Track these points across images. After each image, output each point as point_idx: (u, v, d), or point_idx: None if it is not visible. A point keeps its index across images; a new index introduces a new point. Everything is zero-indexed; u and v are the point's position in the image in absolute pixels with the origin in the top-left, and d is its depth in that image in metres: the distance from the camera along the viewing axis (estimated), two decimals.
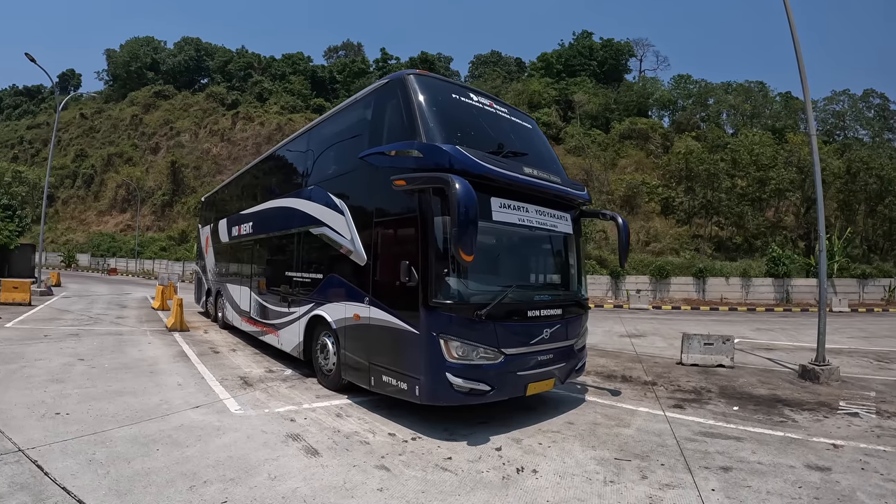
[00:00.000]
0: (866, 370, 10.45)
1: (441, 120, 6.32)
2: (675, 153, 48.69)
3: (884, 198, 40.63)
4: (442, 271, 5.65)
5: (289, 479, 4.35)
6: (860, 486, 4.58)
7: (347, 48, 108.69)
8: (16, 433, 5.17)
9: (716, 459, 5.23)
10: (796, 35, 9.86)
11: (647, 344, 14.11)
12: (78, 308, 18.15)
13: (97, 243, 63.70)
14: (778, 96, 71.98)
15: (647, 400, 7.75)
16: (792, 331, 18.07)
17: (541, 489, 4.38)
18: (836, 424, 6.63)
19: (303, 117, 77.39)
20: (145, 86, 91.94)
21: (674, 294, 34.25)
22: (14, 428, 5.34)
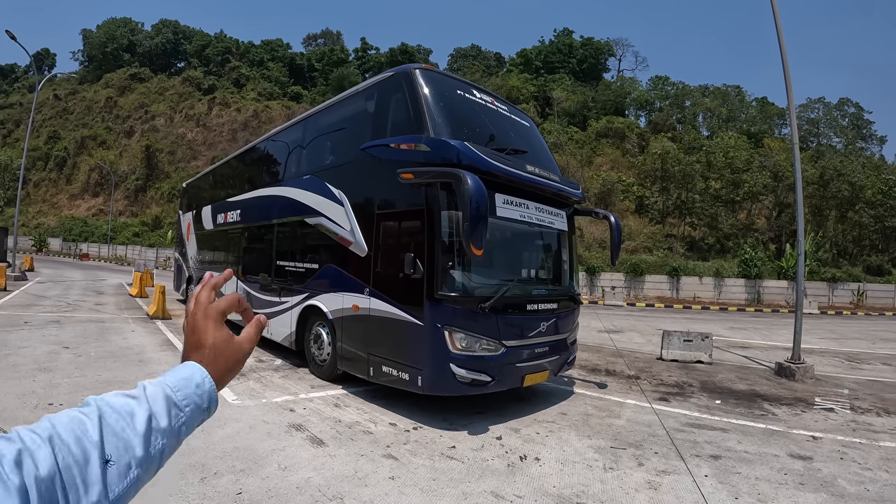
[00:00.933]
0: (839, 369, 10.88)
1: (448, 115, 6.44)
2: (650, 153, 49.47)
3: (854, 204, 41.96)
4: (447, 264, 5.79)
5: (300, 470, 4.43)
6: (840, 474, 4.86)
7: (326, 36, 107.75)
8: (10, 425, 5.05)
9: (705, 448, 5.48)
10: (784, 48, 10.17)
11: (626, 339, 14.44)
12: (54, 294, 17.82)
13: (69, 228, 62.31)
14: (754, 101, 73.48)
15: (634, 393, 8.00)
16: (765, 330, 18.63)
17: (546, 475, 4.57)
18: (814, 418, 6.94)
19: (280, 104, 76.70)
20: (121, 68, 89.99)
21: (648, 292, 34.91)
22: (7, 419, 5.23)
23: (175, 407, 0.77)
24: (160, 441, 0.74)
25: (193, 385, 0.81)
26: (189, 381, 0.81)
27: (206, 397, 0.82)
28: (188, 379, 0.81)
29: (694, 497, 4.25)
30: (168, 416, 0.76)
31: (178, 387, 0.79)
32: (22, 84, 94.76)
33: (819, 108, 68.91)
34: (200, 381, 0.82)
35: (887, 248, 43.46)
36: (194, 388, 0.81)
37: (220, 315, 0.92)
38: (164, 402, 0.76)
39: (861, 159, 51.40)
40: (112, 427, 0.70)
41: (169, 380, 0.80)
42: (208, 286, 0.96)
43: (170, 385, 0.79)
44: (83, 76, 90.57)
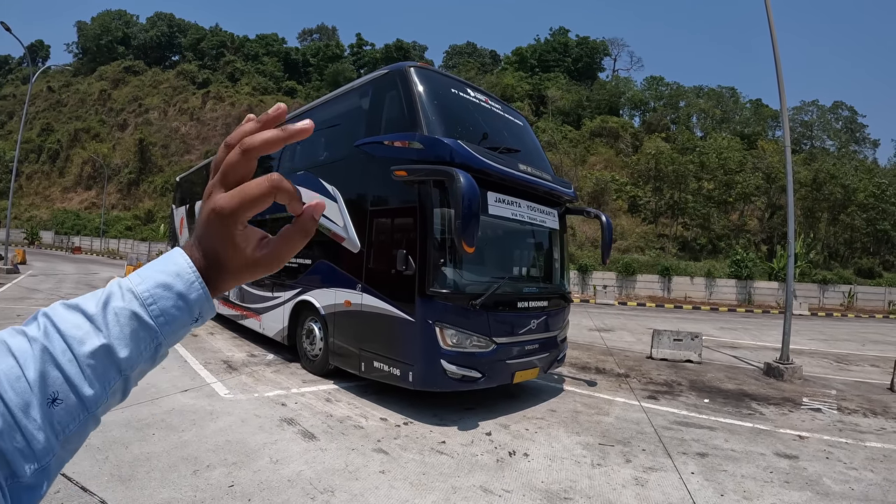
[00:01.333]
0: (827, 370, 10.98)
1: (441, 113, 6.47)
2: (644, 153, 49.57)
3: (846, 207, 42.22)
4: (439, 261, 5.83)
5: (291, 463, 4.46)
6: (825, 473, 4.94)
7: (322, 31, 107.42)
8: None
9: (692, 446, 5.54)
10: (777, 50, 10.25)
11: (616, 338, 14.51)
12: (47, 287, 17.76)
13: (61, 221, 62.01)
14: (748, 103, 73.70)
15: (623, 391, 8.06)
16: (755, 331, 18.76)
17: (534, 471, 4.62)
18: (801, 418, 7.02)
19: (274, 99, 76.30)
20: (115, 60, 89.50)
21: (639, 291, 35.04)
22: None
23: (145, 329, 0.57)
24: (116, 377, 0.57)
25: (174, 295, 0.59)
26: (169, 288, 0.59)
27: (193, 309, 0.60)
28: (168, 287, 0.59)
29: (680, 494, 4.31)
30: (132, 345, 0.57)
31: (154, 297, 0.58)
32: (15, 76, 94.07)
33: (813, 111, 69.28)
34: (185, 289, 0.59)
35: (878, 251, 43.79)
36: (174, 300, 0.59)
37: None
38: (130, 323, 0.57)
39: (854, 162, 51.72)
40: (56, 360, 0.54)
41: (143, 286, 0.58)
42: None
43: (142, 296, 0.57)
44: (77, 68, 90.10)
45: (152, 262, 0.61)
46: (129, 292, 0.58)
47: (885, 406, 7.94)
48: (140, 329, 0.57)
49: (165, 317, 0.58)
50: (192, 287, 0.59)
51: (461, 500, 4.00)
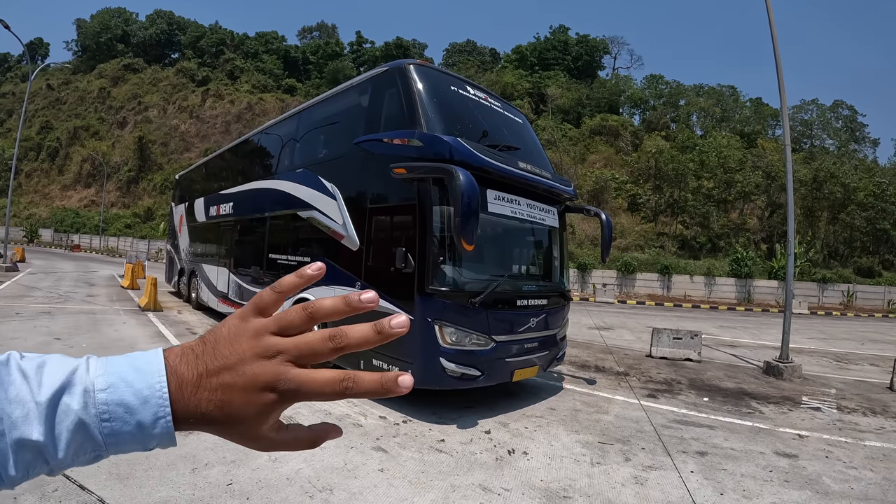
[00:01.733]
0: (826, 369, 10.97)
1: (441, 111, 6.45)
2: (644, 151, 49.63)
3: (846, 206, 42.24)
4: (438, 259, 5.81)
5: (289, 461, 4.44)
6: (825, 472, 4.93)
7: (322, 29, 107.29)
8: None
9: (692, 445, 5.54)
10: (778, 49, 10.23)
11: (616, 336, 14.51)
12: (46, 285, 17.74)
13: (60, 218, 62.07)
14: (748, 101, 73.64)
15: (622, 389, 8.06)
16: (754, 329, 18.76)
17: (533, 469, 4.61)
18: (801, 417, 7.02)
19: (274, 97, 76.42)
20: (115, 58, 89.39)
21: (639, 289, 35.07)
22: None
23: (90, 441, 0.51)
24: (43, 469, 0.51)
25: (134, 422, 0.51)
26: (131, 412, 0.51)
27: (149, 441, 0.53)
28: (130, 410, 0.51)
29: (679, 492, 4.30)
30: (69, 450, 0.50)
31: (111, 415, 0.51)
32: (15, 73, 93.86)
33: (813, 110, 69.22)
34: (150, 421, 0.51)
35: (877, 251, 43.82)
36: (132, 427, 0.51)
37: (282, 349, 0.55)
38: (76, 431, 0.50)
39: (854, 161, 51.72)
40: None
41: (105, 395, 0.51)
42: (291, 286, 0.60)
43: (99, 407, 0.50)
44: (76, 66, 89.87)
45: (130, 360, 0.54)
46: (87, 395, 0.51)
47: (885, 405, 7.93)
48: (84, 441, 0.51)
49: (116, 438, 0.51)
50: (157, 422, 0.51)
51: (460, 498, 3.99)
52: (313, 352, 0.55)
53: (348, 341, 0.55)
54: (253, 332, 0.55)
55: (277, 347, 0.54)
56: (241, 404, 0.53)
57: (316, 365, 0.56)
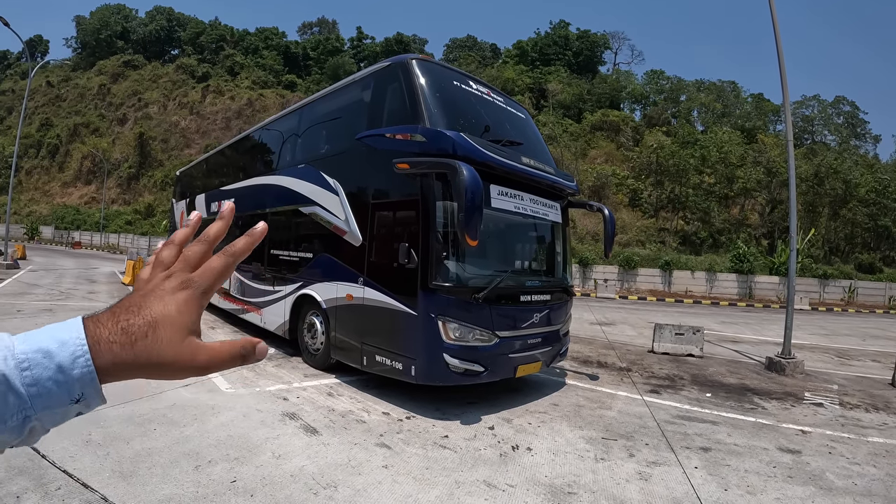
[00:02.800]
0: (828, 365, 10.97)
1: (444, 106, 6.43)
2: (645, 147, 49.56)
3: (847, 202, 42.18)
4: (441, 254, 5.80)
5: (294, 458, 4.44)
6: (829, 468, 4.92)
7: (322, 25, 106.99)
8: None
9: (695, 441, 5.53)
10: (780, 44, 10.19)
11: (618, 332, 14.51)
12: (47, 282, 17.73)
13: (61, 216, 62.06)
14: (750, 97, 73.47)
15: (625, 385, 8.05)
16: (755, 325, 18.75)
17: (538, 465, 4.61)
18: (803, 413, 7.01)
19: (274, 93, 76.33)
20: (114, 55, 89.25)
21: (640, 285, 35.05)
22: None
23: (14, 394, 0.50)
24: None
25: (54, 365, 0.51)
26: (49, 356, 0.52)
27: (73, 387, 0.53)
28: (48, 354, 0.52)
29: (684, 488, 4.30)
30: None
31: (31, 362, 0.51)
32: (14, 71, 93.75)
33: (814, 106, 69.03)
34: (68, 361, 0.52)
35: (879, 247, 43.77)
36: (52, 371, 0.51)
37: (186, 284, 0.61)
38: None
39: (855, 157, 51.62)
40: None
41: (24, 346, 0.52)
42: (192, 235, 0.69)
43: (18, 357, 0.51)
44: (76, 63, 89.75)
45: (51, 324, 0.56)
46: (6, 349, 0.52)
47: (887, 401, 7.93)
48: (8, 394, 0.50)
49: (39, 387, 0.51)
50: (75, 361, 0.52)
51: (465, 494, 3.98)
52: (195, 253, 0.63)
53: (208, 234, 0.65)
54: (148, 277, 0.63)
55: (171, 269, 0.62)
56: (161, 308, 0.58)
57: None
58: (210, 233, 0.66)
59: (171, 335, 0.57)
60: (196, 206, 14.68)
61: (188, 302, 0.60)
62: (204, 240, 0.65)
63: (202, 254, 0.64)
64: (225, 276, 0.64)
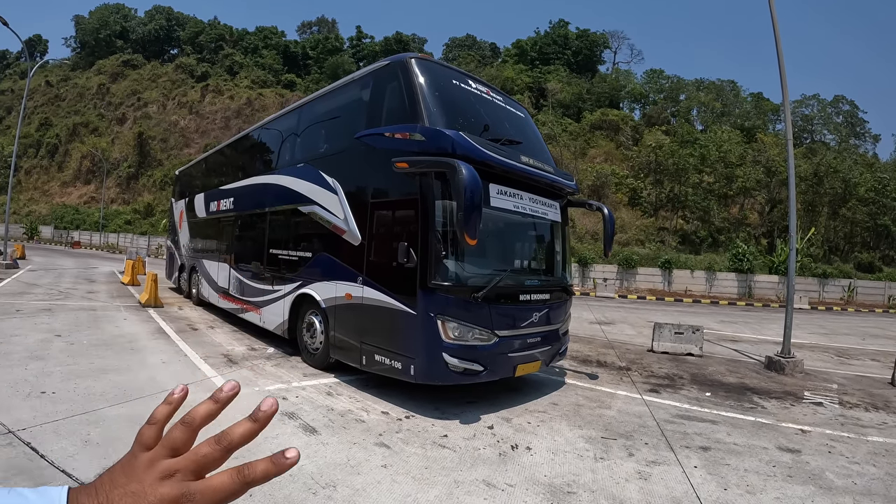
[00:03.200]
0: (828, 364, 10.96)
1: (443, 105, 6.43)
2: (644, 146, 49.52)
3: (847, 201, 42.16)
4: (441, 254, 5.80)
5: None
6: (828, 467, 4.92)
7: (322, 24, 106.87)
8: (2, 413, 4.92)
9: (695, 440, 5.53)
10: (780, 44, 10.18)
11: (617, 331, 14.51)
12: (46, 282, 17.70)
13: (60, 215, 62.00)
14: (749, 96, 73.44)
15: (624, 384, 8.05)
16: (755, 324, 18.75)
17: (537, 465, 4.60)
18: (803, 412, 7.01)
19: (273, 92, 76.23)
20: (114, 54, 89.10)
21: (640, 284, 35.03)
22: (0, 408, 5.13)
23: None
24: None
25: None
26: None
27: None
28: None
29: (683, 488, 4.29)
30: None
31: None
32: (13, 70, 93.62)
33: (814, 105, 68.99)
34: None
35: (878, 246, 43.74)
36: None
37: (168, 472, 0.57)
38: None
39: (854, 156, 51.58)
40: None
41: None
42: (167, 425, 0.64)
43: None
44: (75, 63, 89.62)
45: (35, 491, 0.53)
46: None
47: (887, 400, 7.92)
48: None
49: None
50: None
51: (464, 494, 3.98)
52: (206, 458, 0.58)
53: (232, 438, 0.59)
54: (147, 463, 0.57)
55: (174, 467, 0.57)
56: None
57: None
58: (233, 436, 0.60)
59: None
60: (195, 206, 14.69)
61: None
62: (225, 445, 0.59)
63: (215, 461, 0.59)
64: (229, 501, 0.57)
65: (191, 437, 0.60)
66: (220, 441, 0.58)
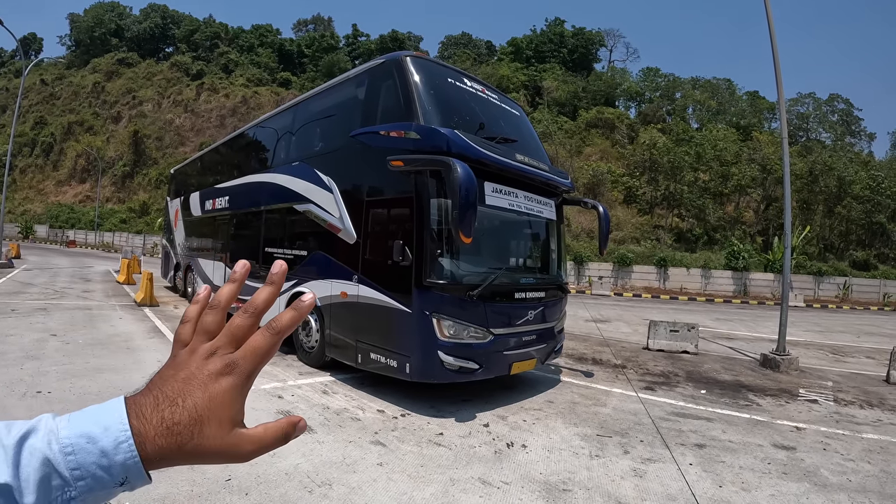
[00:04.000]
0: (823, 362, 11.00)
1: (438, 103, 6.43)
2: (640, 144, 49.57)
3: (842, 199, 42.30)
4: (436, 252, 5.80)
5: (288, 456, 4.41)
6: (823, 464, 4.94)
7: (317, 22, 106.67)
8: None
9: (690, 437, 5.54)
10: (775, 42, 10.19)
11: (613, 329, 14.53)
12: (41, 281, 17.64)
13: (55, 214, 61.78)
14: (745, 95, 73.52)
15: (620, 382, 8.06)
16: (750, 322, 18.79)
17: (532, 462, 4.61)
18: (798, 409, 7.03)
19: (269, 90, 76.03)
20: (108, 52, 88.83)
21: (635, 282, 35.10)
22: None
23: (58, 478, 0.50)
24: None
25: (98, 451, 0.51)
26: (93, 441, 0.51)
27: (117, 472, 0.52)
28: (92, 439, 0.51)
29: (679, 485, 4.30)
30: (39, 492, 0.50)
31: (74, 448, 0.51)
32: (8, 69, 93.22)
33: (809, 104, 69.01)
34: (112, 447, 0.52)
35: (873, 244, 43.88)
36: (96, 456, 0.51)
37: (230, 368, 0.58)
38: (42, 469, 0.50)
39: (849, 155, 51.73)
40: None
41: (67, 430, 0.52)
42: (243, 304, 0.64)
43: (62, 441, 0.51)
44: (70, 61, 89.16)
45: (94, 406, 0.55)
46: (51, 433, 0.52)
47: (882, 398, 7.96)
48: (52, 477, 0.51)
49: (82, 471, 0.51)
50: (119, 447, 0.52)
51: (460, 492, 3.98)
52: (240, 328, 0.60)
53: (256, 304, 0.61)
54: (189, 352, 0.60)
55: (214, 345, 0.59)
56: (205, 401, 0.56)
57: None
58: (258, 301, 0.61)
59: (216, 431, 0.56)
60: (191, 205, 14.65)
61: (232, 390, 0.58)
62: (252, 311, 0.61)
63: (248, 328, 0.61)
64: (269, 357, 0.60)
65: (221, 318, 0.62)
66: (247, 309, 0.61)
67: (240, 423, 0.59)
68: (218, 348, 0.59)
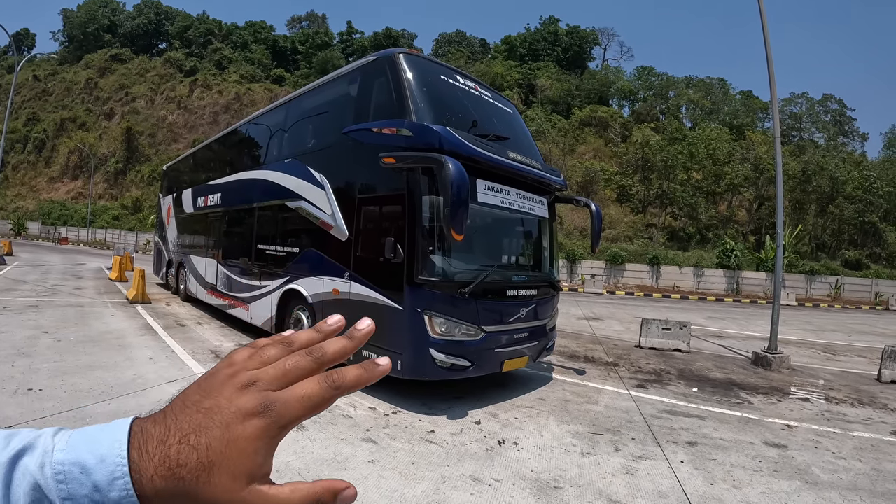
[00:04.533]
0: (814, 360, 11.05)
1: (430, 100, 6.41)
2: (633, 142, 49.65)
3: (834, 199, 42.51)
4: (427, 249, 5.78)
5: (280, 453, 4.34)
6: (814, 462, 4.95)
7: (311, 19, 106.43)
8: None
9: (681, 435, 5.55)
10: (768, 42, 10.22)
11: (605, 327, 14.56)
12: (33, 278, 17.51)
13: (48, 211, 61.51)
14: (738, 94, 73.75)
15: (612, 379, 8.07)
16: (742, 320, 18.87)
17: (524, 460, 4.60)
18: (789, 408, 7.05)
19: (262, 87, 75.81)
20: (102, 48, 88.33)
21: (627, 280, 35.22)
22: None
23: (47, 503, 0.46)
24: None
25: (90, 484, 0.46)
26: (86, 472, 0.46)
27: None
28: (86, 470, 0.46)
29: (670, 482, 4.30)
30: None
31: (66, 476, 0.46)
32: (0, 65, 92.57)
33: (802, 103, 69.30)
34: (106, 482, 0.46)
35: (865, 243, 44.12)
36: (90, 490, 0.46)
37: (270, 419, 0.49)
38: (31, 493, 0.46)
39: (842, 154, 51.99)
40: None
41: (63, 455, 0.47)
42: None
43: (54, 468, 0.46)
44: (63, 57, 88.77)
45: (96, 427, 0.50)
46: (45, 455, 0.47)
47: (873, 396, 7.99)
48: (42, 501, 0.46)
49: (74, 503, 0.46)
50: (113, 483, 0.46)
51: (451, 489, 3.96)
52: (295, 368, 0.52)
53: (325, 351, 0.53)
54: (227, 376, 0.51)
55: (256, 376, 0.51)
56: (222, 444, 0.47)
57: None
58: (328, 350, 0.54)
59: (227, 483, 0.47)
60: (183, 201, 14.58)
61: (258, 439, 0.48)
62: (317, 357, 0.53)
63: (305, 372, 0.52)
64: (317, 412, 0.50)
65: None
66: (312, 353, 0.53)
67: (261, 479, 0.49)
68: (259, 381, 0.50)
